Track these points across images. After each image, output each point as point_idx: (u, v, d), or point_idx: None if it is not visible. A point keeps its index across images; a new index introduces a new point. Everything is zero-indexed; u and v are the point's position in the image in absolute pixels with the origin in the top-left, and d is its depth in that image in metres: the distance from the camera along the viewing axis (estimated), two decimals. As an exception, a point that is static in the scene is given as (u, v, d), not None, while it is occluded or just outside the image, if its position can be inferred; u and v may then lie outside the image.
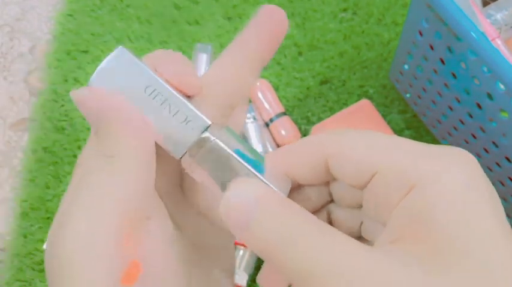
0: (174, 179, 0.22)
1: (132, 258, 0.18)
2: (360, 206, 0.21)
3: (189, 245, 0.23)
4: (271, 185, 0.20)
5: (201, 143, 0.21)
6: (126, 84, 0.21)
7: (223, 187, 0.20)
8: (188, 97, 0.22)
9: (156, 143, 0.21)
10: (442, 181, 0.16)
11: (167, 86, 0.21)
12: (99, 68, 0.21)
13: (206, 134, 0.21)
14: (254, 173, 0.20)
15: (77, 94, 0.20)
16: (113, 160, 0.19)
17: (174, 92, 0.21)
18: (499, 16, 0.52)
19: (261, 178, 0.21)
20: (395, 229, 0.17)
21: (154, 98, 0.21)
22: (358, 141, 0.19)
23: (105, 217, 0.18)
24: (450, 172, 0.17)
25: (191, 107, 0.21)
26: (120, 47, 0.21)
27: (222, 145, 0.21)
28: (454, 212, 0.16)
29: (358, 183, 0.19)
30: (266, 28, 0.24)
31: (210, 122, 0.21)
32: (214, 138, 0.21)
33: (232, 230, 0.18)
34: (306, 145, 0.21)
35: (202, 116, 0.21)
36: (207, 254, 0.23)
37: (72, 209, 0.19)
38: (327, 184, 0.22)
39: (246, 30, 0.24)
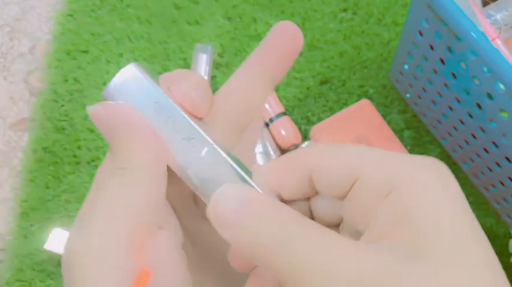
0: (186, 190, 0.23)
1: (142, 266, 0.19)
2: (339, 223, 0.22)
3: (201, 254, 0.23)
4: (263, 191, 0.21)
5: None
6: (136, 99, 0.21)
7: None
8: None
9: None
10: (418, 185, 0.18)
11: (173, 103, 0.22)
12: (111, 82, 0.22)
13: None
14: (246, 179, 0.21)
15: (91, 110, 0.21)
16: (125, 173, 0.20)
17: (180, 110, 0.22)
18: (498, 16, 0.52)
19: (253, 184, 0.21)
20: (377, 229, 0.18)
21: (160, 114, 0.21)
22: (339, 152, 0.20)
23: (116, 231, 0.19)
24: (424, 177, 0.18)
25: (194, 125, 0.22)
26: (133, 63, 0.22)
27: (219, 150, 0.21)
28: (428, 213, 0.17)
29: (340, 192, 0.20)
30: (279, 46, 0.24)
31: (212, 141, 0.21)
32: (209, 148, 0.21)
33: (220, 230, 0.19)
34: (289, 161, 0.21)
35: (203, 134, 0.22)
36: (219, 263, 0.24)
37: (85, 224, 0.19)
38: (307, 200, 0.23)
39: (259, 47, 0.24)
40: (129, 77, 0.22)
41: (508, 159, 0.49)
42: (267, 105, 0.64)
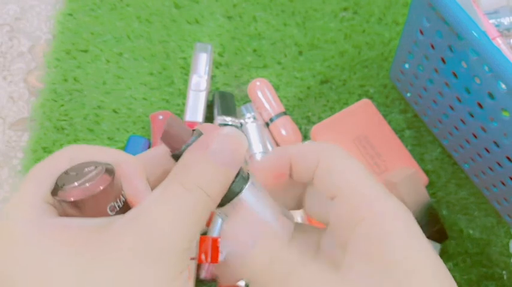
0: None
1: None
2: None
3: None
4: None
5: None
6: None
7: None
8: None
9: None
10: (387, 221, 0.23)
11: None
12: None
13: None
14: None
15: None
16: None
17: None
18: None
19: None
20: (355, 253, 0.23)
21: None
22: (339, 161, 0.26)
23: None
24: (392, 216, 0.23)
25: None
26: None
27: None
28: (394, 244, 0.22)
29: (327, 195, 0.25)
30: None
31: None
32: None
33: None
34: (305, 147, 0.27)
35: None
36: None
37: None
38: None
39: None
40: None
41: (509, 159, 0.49)
42: (267, 105, 0.64)
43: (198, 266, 0.56)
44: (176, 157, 0.23)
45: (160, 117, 0.63)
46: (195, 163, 0.22)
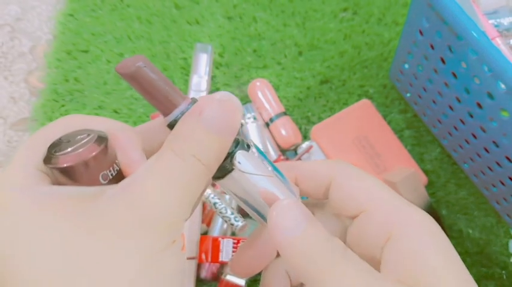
0: None
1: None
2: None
3: None
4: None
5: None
6: None
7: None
8: None
9: None
10: (418, 232, 0.23)
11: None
12: None
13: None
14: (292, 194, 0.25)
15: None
16: None
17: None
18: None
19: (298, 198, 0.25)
20: (392, 267, 0.23)
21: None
22: (357, 178, 0.25)
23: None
24: (423, 226, 0.23)
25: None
26: None
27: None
28: (429, 256, 0.22)
29: (348, 213, 0.25)
30: None
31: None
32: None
33: (278, 231, 0.22)
34: (316, 165, 0.27)
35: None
36: None
37: None
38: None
39: None
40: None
41: (508, 159, 0.49)
42: (267, 105, 0.64)
43: (199, 266, 0.56)
44: (171, 126, 0.23)
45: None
46: (188, 131, 0.22)
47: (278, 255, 0.27)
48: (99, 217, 0.20)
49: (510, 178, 0.52)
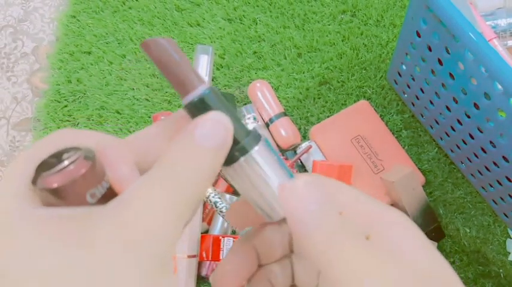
0: None
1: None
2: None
3: None
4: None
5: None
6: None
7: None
8: None
9: None
10: (395, 231, 0.23)
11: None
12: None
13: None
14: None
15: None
16: None
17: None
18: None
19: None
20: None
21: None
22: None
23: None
24: (399, 226, 0.23)
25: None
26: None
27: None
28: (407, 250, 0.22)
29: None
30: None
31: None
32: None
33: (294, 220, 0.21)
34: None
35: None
36: None
37: None
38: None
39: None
40: None
41: (505, 158, 0.50)
42: (267, 106, 0.64)
43: (199, 264, 0.57)
44: (191, 106, 0.23)
45: (162, 118, 0.63)
46: (179, 151, 0.21)
47: (260, 266, 0.27)
48: (83, 242, 0.19)
49: (507, 178, 0.52)
